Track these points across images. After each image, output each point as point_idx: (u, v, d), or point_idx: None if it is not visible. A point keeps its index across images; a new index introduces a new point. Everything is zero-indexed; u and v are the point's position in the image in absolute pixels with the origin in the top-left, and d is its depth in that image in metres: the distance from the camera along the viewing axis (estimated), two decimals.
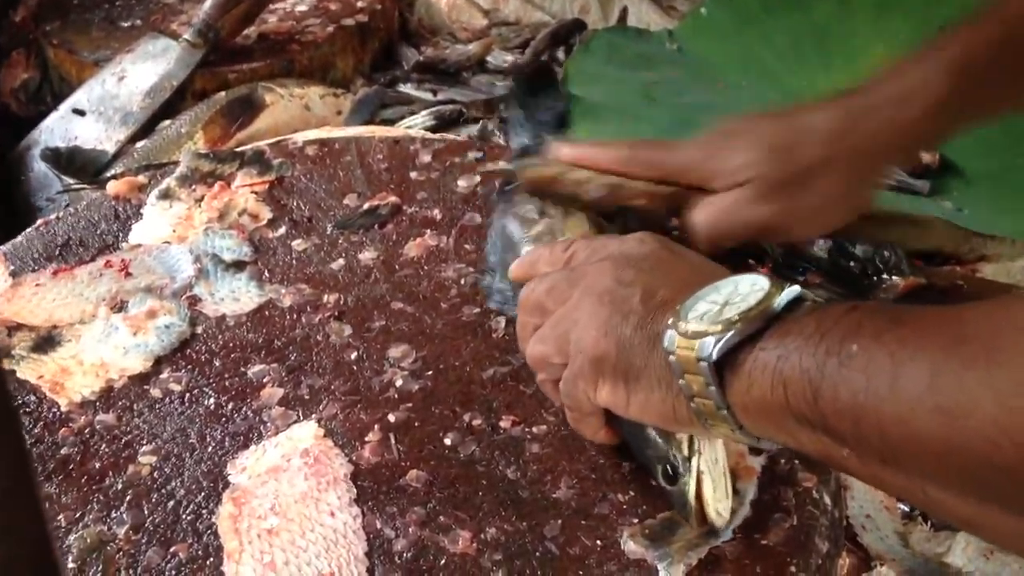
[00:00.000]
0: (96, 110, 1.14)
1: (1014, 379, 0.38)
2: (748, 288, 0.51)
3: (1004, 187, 1.08)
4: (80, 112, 1.15)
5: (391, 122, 1.22)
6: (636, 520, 0.61)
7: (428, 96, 1.28)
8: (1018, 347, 0.39)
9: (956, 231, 0.77)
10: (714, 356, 0.50)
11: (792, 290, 0.50)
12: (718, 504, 0.58)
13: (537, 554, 0.60)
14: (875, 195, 0.71)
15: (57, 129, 1.13)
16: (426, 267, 0.81)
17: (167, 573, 0.60)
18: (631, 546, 0.59)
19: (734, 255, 0.81)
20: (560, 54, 1.41)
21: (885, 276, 0.98)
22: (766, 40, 1.35)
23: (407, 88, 1.30)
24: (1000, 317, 0.41)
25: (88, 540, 0.61)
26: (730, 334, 0.49)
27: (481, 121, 1.20)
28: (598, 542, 0.61)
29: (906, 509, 0.77)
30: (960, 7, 1.21)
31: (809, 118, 0.69)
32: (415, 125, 1.20)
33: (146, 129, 1.15)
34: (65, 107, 1.15)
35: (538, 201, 0.76)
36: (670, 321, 0.53)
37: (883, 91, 0.68)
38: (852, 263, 1.01)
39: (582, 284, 0.59)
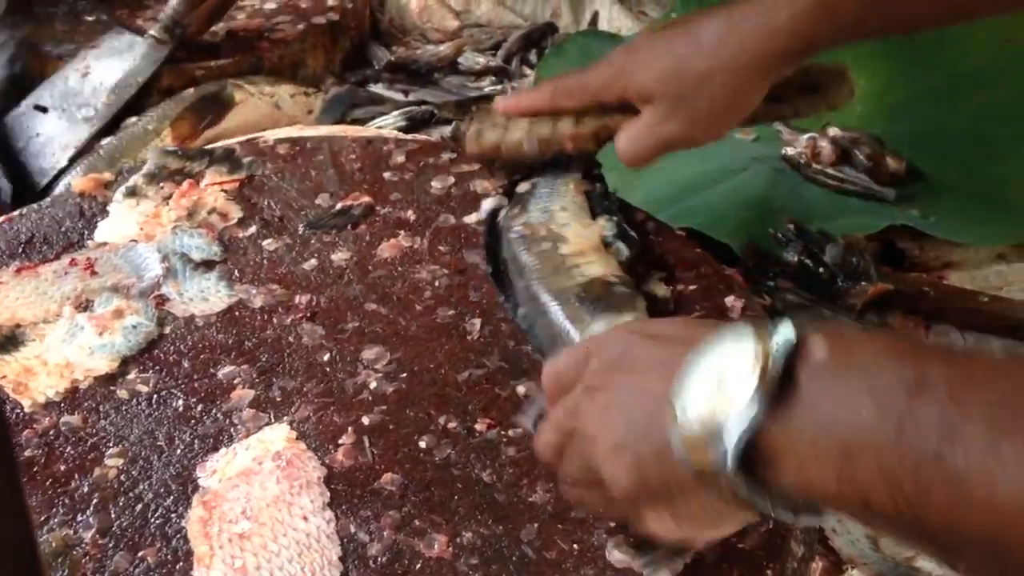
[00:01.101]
0: (59, 107, 1.12)
1: None
2: (737, 346, 0.43)
3: (970, 196, 1.09)
4: (42, 108, 1.12)
5: (362, 122, 1.21)
6: (613, 524, 0.61)
7: (399, 96, 1.27)
8: None
9: (850, 86, 0.81)
10: (731, 463, 0.42)
11: (784, 333, 0.43)
12: None
13: (514, 558, 0.60)
14: (762, 93, 0.77)
15: (19, 126, 1.10)
16: (400, 268, 0.81)
17: None
18: (616, 555, 0.59)
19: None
20: (532, 56, 1.40)
21: (853, 282, 0.99)
22: None
23: (378, 88, 1.29)
24: None
25: (53, 544, 0.59)
26: (741, 429, 0.42)
27: (453, 122, 1.19)
28: (575, 546, 0.60)
29: None
30: (941, 39, 1.22)
31: (696, 31, 0.76)
32: (386, 125, 1.19)
33: (111, 126, 1.13)
34: (27, 103, 1.12)
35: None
36: (669, 419, 0.45)
37: (755, 8, 0.74)
38: (821, 269, 1.02)
39: (580, 416, 0.53)
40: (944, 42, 1.20)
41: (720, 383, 0.43)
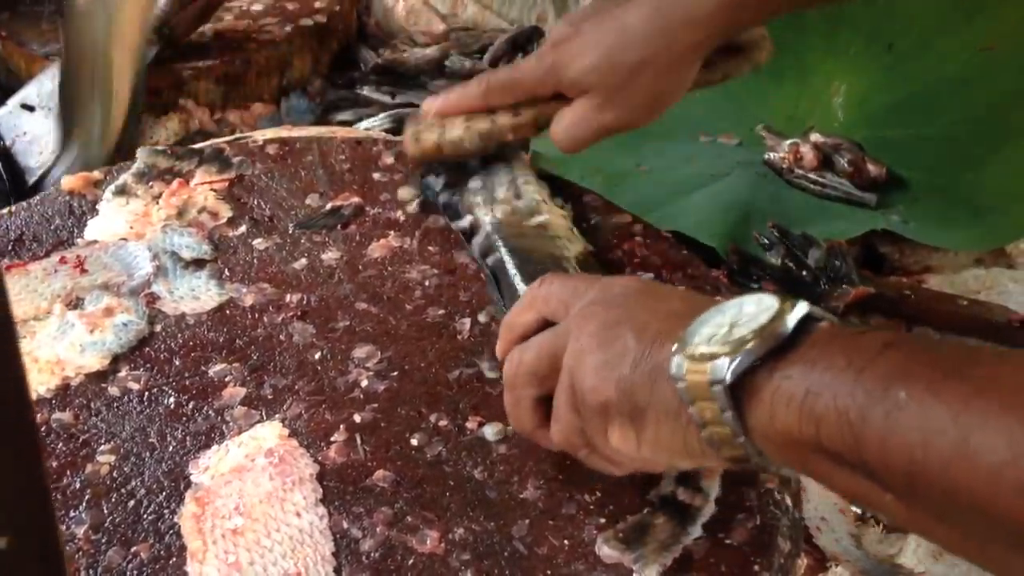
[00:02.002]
0: (46, 105, 1.11)
1: None
2: (755, 308, 0.48)
3: (949, 201, 1.11)
4: (29, 108, 1.12)
5: (349, 124, 1.21)
6: (603, 520, 0.62)
7: (386, 99, 1.28)
8: None
9: (769, 45, 0.83)
10: (728, 378, 0.47)
11: (802, 307, 0.48)
12: None
13: (505, 554, 0.60)
14: (694, 72, 0.79)
15: (5, 125, 1.10)
16: (390, 268, 0.81)
17: (128, 573, 0.59)
18: (606, 550, 0.59)
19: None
20: (519, 60, 1.41)
21: (836, 285, 1.01)
22: None
23: (365, 90, 1.29)
24: None
25: None
26: (743, 354, 0.47)
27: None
28: (566, 542, 0.61)
29: (859, 512, 0.79)
30: (907, 24, 1.25)
31: (625, 19, 0.77)
32: (373, 127, 1.20)
33: None
34: (14, 102, 1.12)
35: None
36: (674, 348, 0.50)
37: None
38: (804, 272, 1.04)
39: (572, 338, 0.56)
40: (923, 50, 1.23)
41: (732, 327, 0.48)
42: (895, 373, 0.42)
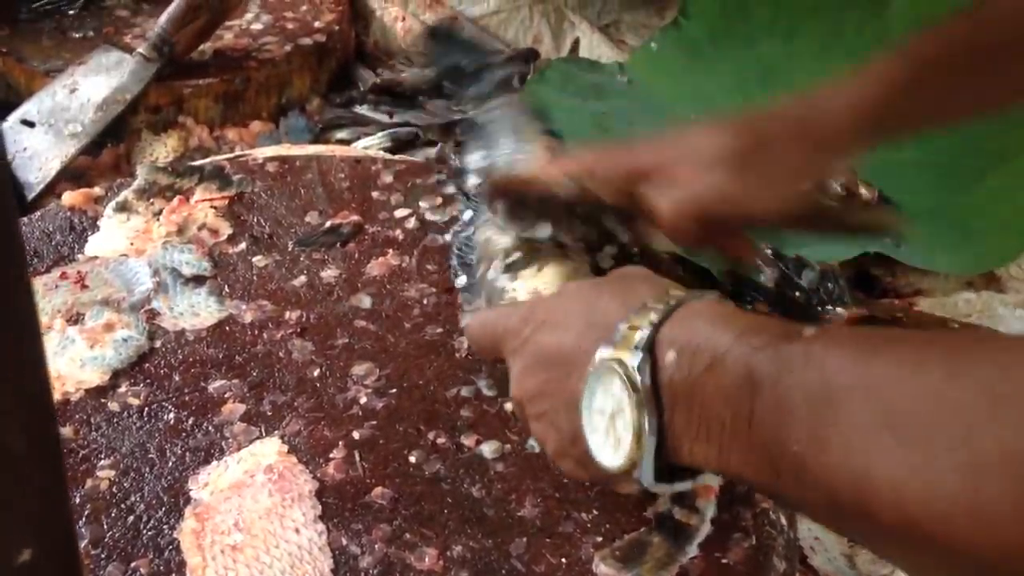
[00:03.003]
0: (46, 122, 1.12)
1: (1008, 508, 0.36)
2: (608, 389, 0.51)
3: (940, 224, 1.12)
4: (29, 123, 1.12)
5: (347, 142, 1.22)
6: (600, 538, 0.62)
7: (384, 118, 1.29)
8: (1014, 481, 0.36)
9: (895, 218, 0.81)
10: (648, 485, 0.51)
11: (643, 362, 0.49)
12: None
13: (503, 571, 0.61)
14: (828, 173, 0.76)
15: (5, 140, 1.10)
16: (389, 286, 0.82)
17: None
18: (603, 568, 0.60)
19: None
20: (515, 82, 1.43)
21: (829, 307, 1.02)
22: (714, 76, 1.38)
23: (363, 109, 1.30)
24: (976, 436, 0.37)
25: None
26: (645, 465, 0.50)
27: (439, 144, 1.21)
28: (563, 560, 0.61)
29: None
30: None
31: (767, 109, 0.73)
32: (371, 146, 1.21)
33: (97, 143, 1.13)
34: (14, 118, 1.12)
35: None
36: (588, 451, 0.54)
37: (840, 85, 0.71)
38: (798, 293, 1.05)
39: (527, 416, 0.60)
40: None
41: (613, 423, 0.51)
42: (777, 421, 0.44)
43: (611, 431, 0.51)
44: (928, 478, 0.38)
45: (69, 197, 0.88)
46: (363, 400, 0.72)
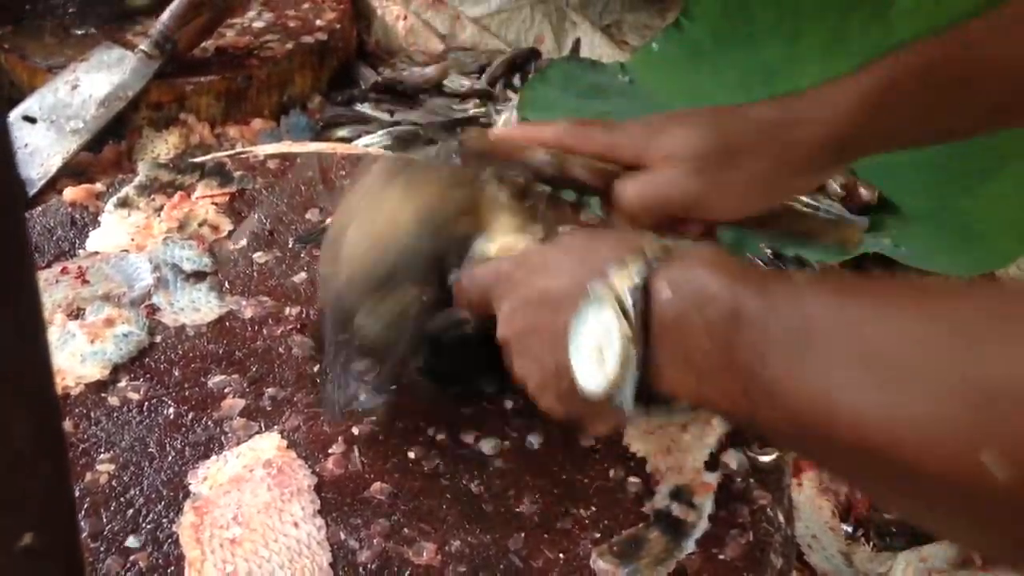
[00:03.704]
0: (48, 118, 1.12)
1: (960, 432, 0.37)
2: (600, 318, 0.52)
3: (939, 226, 1.13)
4: (31, 120, 1.13)
5: (348, 140, 1.23)
6: (598, 534, 0.62)
7: (385, 116, 1.29)
8: (956, 400, 0.38)
9: (860, 232, 0.81)
10: (629, 410, 0.52)
11: (634, 291, 0.51)
12: None
13: (501, 566, 0.61)
14: (796, 189, 0.75)
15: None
16: None
17: None
18: (600, 564, 0.60)
19: None
20: (516, 80, 1.43)
21: None
22: (715, 77, 1.39)
23: (364, 107, 1.31)
24: (933, 361, 0.40)
25: None
26: (626, 388, 0.51)
27: (439, 142, 1.22)
28: (561, 555, 0.62)
29: (849, 530, 0.80)
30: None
31: (745, 110, 0.72)
32: (372, 144, 1.21)
33: (98, 139, 1.14)
34: (15, 114, 1.13)
35: None
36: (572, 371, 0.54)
37: (818, 96, 0.71)
38: None
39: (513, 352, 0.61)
40: None
41: (602, 352, 0.52)
42: (756, 351, 0.46)
43: (597, 358, 0.53)
44: (890, 403, 0.40)
45: (70, 193, 0.88)
46: (363, 396, 0.72)
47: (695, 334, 0.49)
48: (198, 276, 0.82)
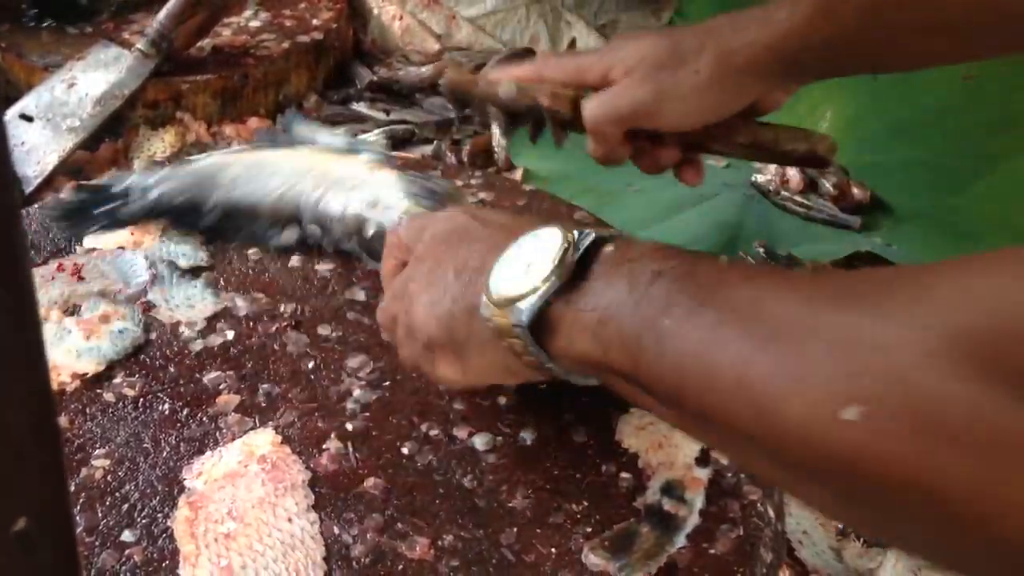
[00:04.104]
0: (44, 116, 1.13)
1: (823, 394, 0.38)
2: (547, 241, 0.54)
3: (931, 225, 1.14)
4: (28, 118, 1.13)
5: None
6: (590, 529, 0.63)
7: (381, 115, 1.30)
8: (828, 356, 0.39)
9: (831, 141, 0.81)
10: (526, 320, 0.52)
11: (586, 237, 0.53)
12: None
13: (494, 561, 0.61)
14: (746, 95, 0.77)
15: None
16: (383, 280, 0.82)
17: (122, 575, 0.60)
18: (592, 559, 0.61)
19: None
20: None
21: None
22: None
23: (360, 107, 1.31)
24: (807, 317, 0.41)
25: None
26: (537, 296, 0.52)
27: (435, 141, 1.22)
28: (553, 550, 0.62)
29: (840, 526, 0.81)
30: (905, 74, 1.28)
31: (698, 24, 0.77)
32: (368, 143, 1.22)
33: (95, 137, 1.14)
34: (12, 112, 1.13)
35: None
36: (482, 290, 0.55)
37: (765, 9, 0.75)
38: None
39: (409, 279, 0.63)
40: (907, 79, 1.26)
41: (528, 266, 0.53)
42: (663, 303, 0.47)
43: (521, 271, 0.54)
44: (767, 360, 0.41)
45: (68, 190, 0.89)
46: (356, 392, 0.72)
47: (617, 286, 0.50)
48: (194, 272, 0.82)
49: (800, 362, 0.40)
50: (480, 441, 0.69)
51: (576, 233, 0.53)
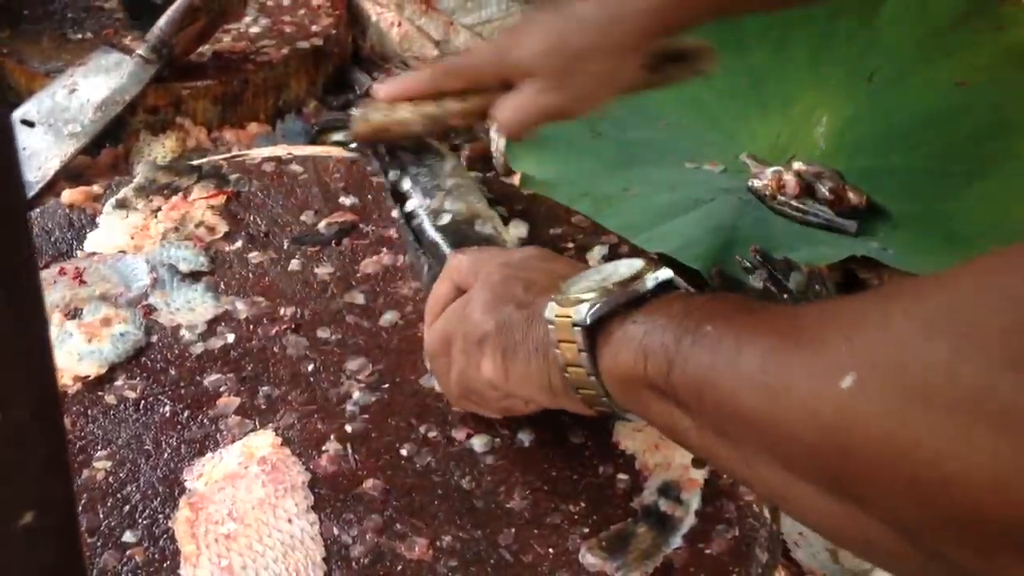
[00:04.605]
0: (46, 122, 1.13)
1: (829, 367, 0.41)
2: (626, 268, 0.56)
3: (926, 229, 1.14)
4: (29, 123, 1.14)
5: (343, 145, 1.24)
6: (587, 529, 0.64)
7: None
8: (836, 340, 0.42)
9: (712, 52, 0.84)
10: (587, 320, 0.54)
11: (664, 272, 0.56)
12: None
13: (492, 561, 0.62)
14: (637, 65, 0.80)
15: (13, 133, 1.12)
16: (382, 283, 0.83)
17: (123, 575, 0.60)
18: (589, 559, 0.61)
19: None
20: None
21: None
22: (705, 83, 1.40)
23: None
24: (827, 314, 0.45)
25: None
26: (604, 301, 0.54)
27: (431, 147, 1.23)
28: (550, 550, 0.63)
29: None
30: (888, 58, 1.29)
31: (576, 8, 0.79)
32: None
33: (96, 143, 1.15)
34: (14, 118, 1.14)
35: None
36: (552, 296, 0.57)
37: None
38: (785, 295, 1.06)
39: (470, 300, 0.63)
40: (902, 83, 1.27)
41: (603, 279, 0.56)
42: (707, 313, 0.50)
43: (595, 279, 0.56)
44: (764, 386, 0.44)
45: (69, 195, 0.89)
46: (356, 395, 0.73)
47: (672, 310, 0.52)
48: (194, 276, 0.83)
49: (815, 346, 0.43)
50: (478, 443, 0.69)
51: (655, 267, 0.56)
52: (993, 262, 0.40)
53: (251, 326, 0.79)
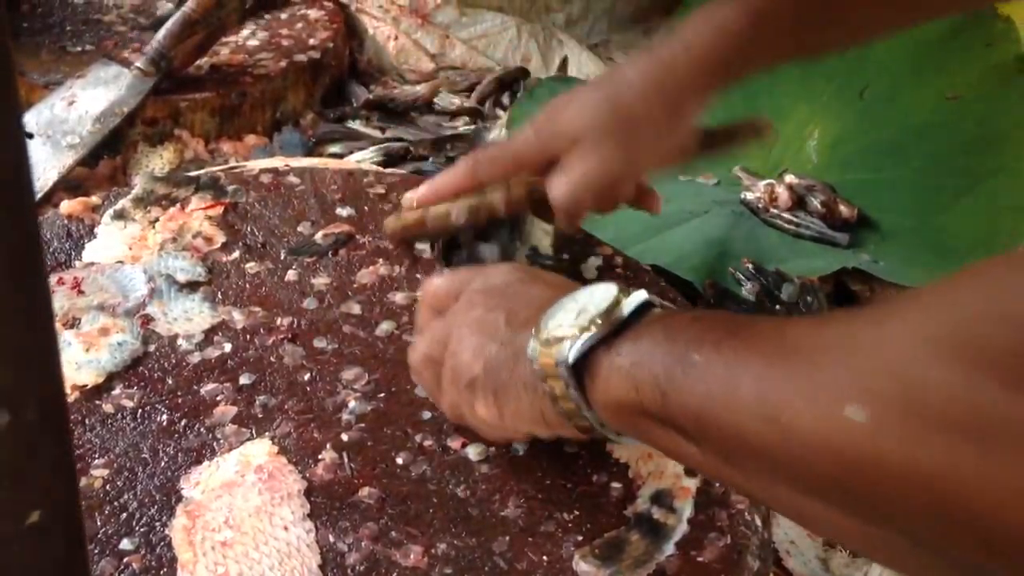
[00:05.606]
0: (44, 133, 1.14)
1: (828, 394, 0.41)
2: (601, 295, 0.56)
3: (917, 242, 1.15)
4: (28, 135, 1.14)
5: (340, 156, 1.25)
6: (580, 537, 0.64)
7: (376, 133, 1.31)
8: (834, 363, 0.42)
9: (767, 121, 0.84)
10: (570, 359, 0.54)
11: (638, 295, 0.55)
12: None
13: (486, 568, 0.63)
14: (698, 121, 0.77)
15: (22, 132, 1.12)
16: (378, 294, 0.84)
17: None
18: (583, 566, 0.62)
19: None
20: (505, 99, 1.46)
21: None
22: None
23: (356, 124, 1.33)
24: (816, 336, 0.45)
25: None
26: (584, 338, 0.54)
27: (430, 159, 1.24)
28: (544, 558, 0.63)
29: None
30: (879, 72, 1.30)
31: (624, 75, 0.75)
32: (363, 160, 1.23)
33: (94, 154, 1.16)
34: None
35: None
36: (532, 332, 0.57)
37: (686, 34, 0.74)
38: (777, 307, 1.07)
39: (455, 324, 0.64)
40: (893, 98, 1.28)
41: (579, 313, 0.55)
42: (694, 339, 0.49)
43: (574, 312, 0.55)
44: (760, 411, 0.44)
45: (67, 206, 0.90)
46: (352, 404, 0.73)
47: (656, 337, 0.52)
48: (192, 286, 0.83)
49: (811, 371, 0.43)
50: (473, 451, 0.70)
51: (629, 291, 0.56)
52: (985, 277, 0.40)
53: (248, 336, 0.79)
